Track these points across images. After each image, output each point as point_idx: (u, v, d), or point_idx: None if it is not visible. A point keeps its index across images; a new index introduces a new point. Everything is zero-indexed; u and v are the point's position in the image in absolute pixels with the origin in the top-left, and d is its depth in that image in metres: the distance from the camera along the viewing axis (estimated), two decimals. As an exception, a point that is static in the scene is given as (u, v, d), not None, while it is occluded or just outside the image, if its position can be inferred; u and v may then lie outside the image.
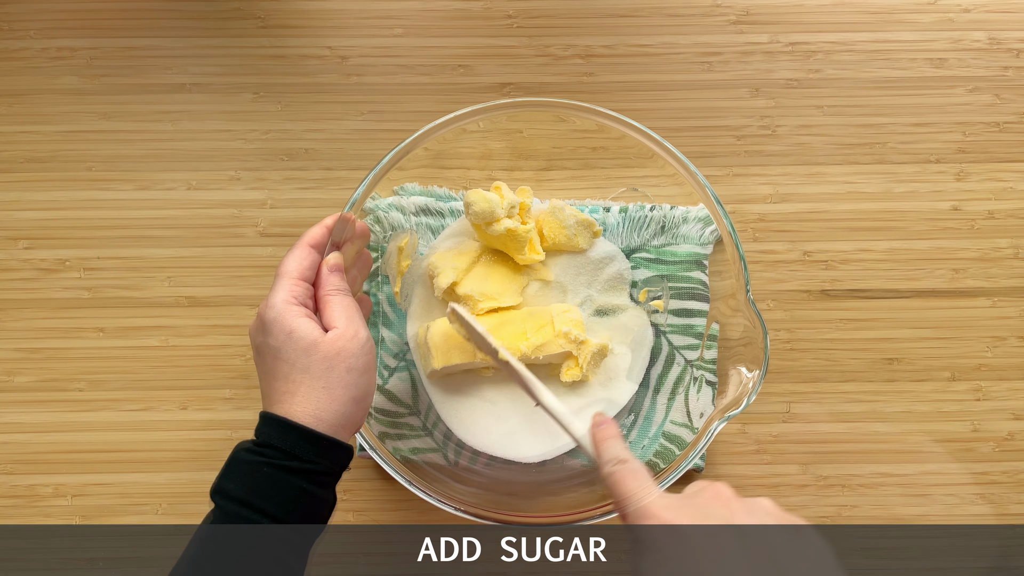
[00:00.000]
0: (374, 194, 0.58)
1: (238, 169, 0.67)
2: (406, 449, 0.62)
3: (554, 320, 0.60)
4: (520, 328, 0.60)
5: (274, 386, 0.46)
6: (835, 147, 0.67)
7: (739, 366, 0.56)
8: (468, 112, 0.56)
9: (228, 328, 0.66)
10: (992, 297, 0.67)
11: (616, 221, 0.65)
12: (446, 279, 0.60)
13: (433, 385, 0.63)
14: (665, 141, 0.57)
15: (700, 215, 0.64)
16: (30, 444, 0.66)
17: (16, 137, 0.67)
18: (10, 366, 0.66)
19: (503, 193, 0.59)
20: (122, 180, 0.67)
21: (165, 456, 0.66)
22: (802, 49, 0.68)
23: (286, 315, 0.47)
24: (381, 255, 0.63)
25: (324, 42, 0.68)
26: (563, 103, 0.58)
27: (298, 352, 0.46)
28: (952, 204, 0.67)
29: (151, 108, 0.67)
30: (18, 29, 0.68)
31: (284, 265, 0.49)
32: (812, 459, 0.66)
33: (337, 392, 0.46)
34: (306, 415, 0.45)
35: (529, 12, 0.68)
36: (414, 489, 0.56)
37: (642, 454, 0.62)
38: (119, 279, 0.67)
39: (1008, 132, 0.67)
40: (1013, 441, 0.66)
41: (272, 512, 0.43)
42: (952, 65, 0.68)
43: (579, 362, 0.60)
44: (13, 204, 0.67)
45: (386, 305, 0.64)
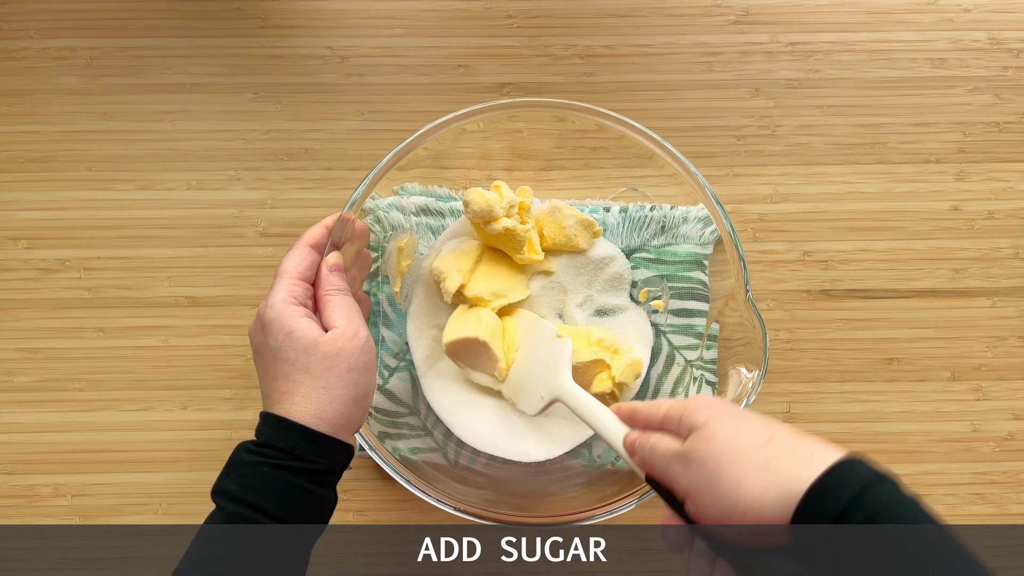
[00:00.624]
0: (374, 194, 0.58)
1: (238, 169, 0.67)
2: (405, 449, 0.62)
3: (589, 333, 0.60)
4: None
5: (274, 386, 0.46)
6: (835, 147, 0.67)
7: (739, 366, 0.56)
8: (468, 112, 0.56)
9: (228, 328, 0.66)
10: (992, 297, 0.67)
11: (616, 221, 0.65)
12: (454, 283, 0.60)
13: (432, 385, 0.63)
14: (665, 141, 0.57)
15: (700, 215, 0.64)
16: (30, 444, 0.66)
17: (16, 137, 0.67)
18: (10, 366, 0.66)
19: (502, 192, 0.59)
20: (122, 180, 0.67)
21: (165, 456, 0.66)
22: (802, 49, 0.68)
23: (286, 315, 0.47)
24: (381, 255, 0.63)
25: (324, 42, 0.68)
26: (563, 103, 0.58)
27: (298, 352, 0.46)
28: (952, 204, 0.67)
29: (151, 108, 0.67)
30: (18, 29, 0.68)
31: (283, 265, 0.49)
32: (812, 459, 0.66)
33: (337, 391, 0.46)
34: (306, 415, 0.45)
35: (529, 12, 0.68)
36: (413, 489, 0.56)
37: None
38: (119, 279, 0.67)
39: (1008, 132, 0.67)
40: (1013, 441, 0.66)
41: (273, 512, 0.43)
42: (952, 65, 0.68)
43: (611, 372, 0.59)
44: (13, 204, 0.67)
45: (386, 305, 0.64)
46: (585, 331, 0.61)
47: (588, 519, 0.55)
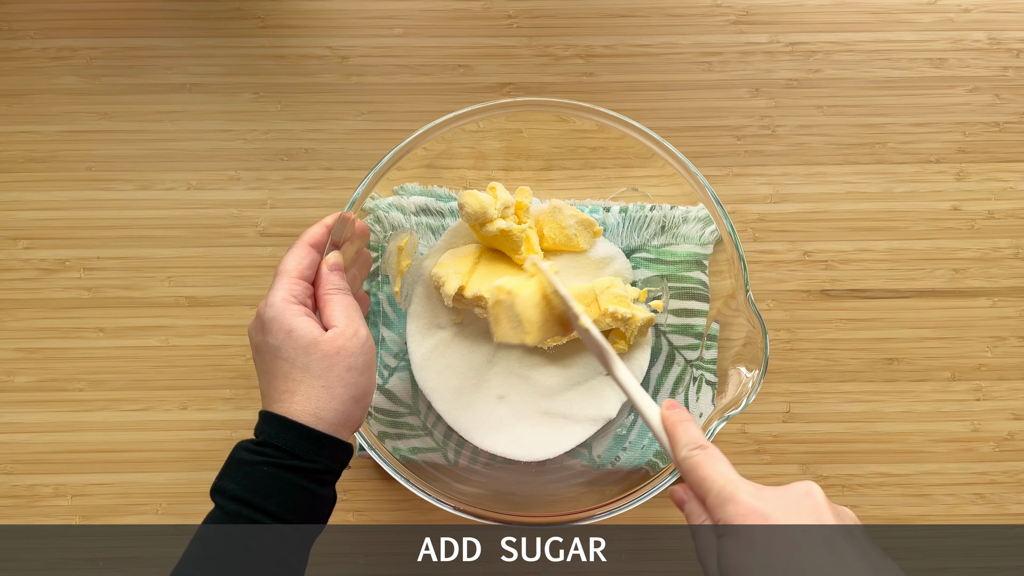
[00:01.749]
0: (374, 194, 0.58)
1: (238, 169, 0.67)
2: (405, 449, 0.62)
3: (599, 298, 0.60)
4: None
5: (274, 384, 0.46)
6: (835, 147, 0.67)
7: (739, 366, 0.56)
8: (468, 112, 0.56)
9: (228, 328, 0.66)
10: (992, 297, 0.67)
11: (616, 221, 0.65)
12: (452, 285, 0.59)
13: (432, 383, 0.63)
14: (665, 141, 0.57)
15: (700, 215, 0.64)
16: (30, 444, 0.66)
17: (16, 137, 0.67)
18: (10, 366, 0.66)
19: (497, 194, 0.59)
20: (122, 180, 0.67)
21: (165, 456, 0.66)
22: (802, 49, 0.68)
23: (285, 313, 0.47)
24: (381, 255, 0.63)
25: (324, 42, 0.68)
26: (563, 103, 0.57)
27: (298, 351, 0.46)
28: (952, 204, 0.67)
29: (151, 108, 0.67)
30: (18, 29, 0.68)
31: (283, 264, 0.49)
32: (812, 459, 0.66)
33: (337, 391, 0.46)
34: (306, 413, 0.45)
35: (529, 12, 0.68)
36: (413, 489, 0.56)
37: (642, 454, 0.62)
38: (119, 279, 0.67)
39: (1008, 132, 0.67)
40: (1013, 441, 0.66)
41: (272, 511, 0.43)
42: (952, 65, 0.68)
43: (627, 336, 0.61)
44: (13, 204, 0.67)
45: (386, 305, 0.64)
46: (591, 288, 0.61)
47: (588, 519, 0.55)
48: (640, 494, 0.55)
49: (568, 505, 0.58)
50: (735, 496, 0.40)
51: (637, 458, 0.62)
